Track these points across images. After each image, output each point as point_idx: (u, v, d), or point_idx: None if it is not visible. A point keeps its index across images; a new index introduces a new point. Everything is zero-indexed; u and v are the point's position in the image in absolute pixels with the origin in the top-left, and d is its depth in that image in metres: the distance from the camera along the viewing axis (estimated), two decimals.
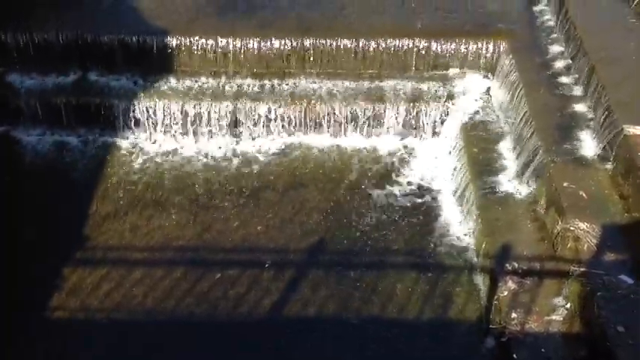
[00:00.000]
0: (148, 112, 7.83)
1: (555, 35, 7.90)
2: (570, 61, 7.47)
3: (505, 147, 7.34)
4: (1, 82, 7.90)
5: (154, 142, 7.97)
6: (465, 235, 6.91)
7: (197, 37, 7.88)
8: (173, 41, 7.86)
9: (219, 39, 7.89)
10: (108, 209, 7.19)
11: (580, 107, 7.01)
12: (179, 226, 7.05)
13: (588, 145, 6.65)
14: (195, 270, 6.58)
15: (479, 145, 7.41)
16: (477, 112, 7.77)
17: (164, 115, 7.85)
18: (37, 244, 6.78)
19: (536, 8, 8.36)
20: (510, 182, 6.93)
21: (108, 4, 8.28)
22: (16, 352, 5.93)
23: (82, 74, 7.99)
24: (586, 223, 5.88)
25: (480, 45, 7.94)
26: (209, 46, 7.92)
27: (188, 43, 7.89)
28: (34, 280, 6.43)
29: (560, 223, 6.00)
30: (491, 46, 7.93)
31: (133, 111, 7.83)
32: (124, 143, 7.94)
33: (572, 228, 5.87)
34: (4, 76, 7.95)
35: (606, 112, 6.51)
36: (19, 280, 6.45)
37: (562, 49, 7.69)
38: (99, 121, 7.89)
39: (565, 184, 6.23)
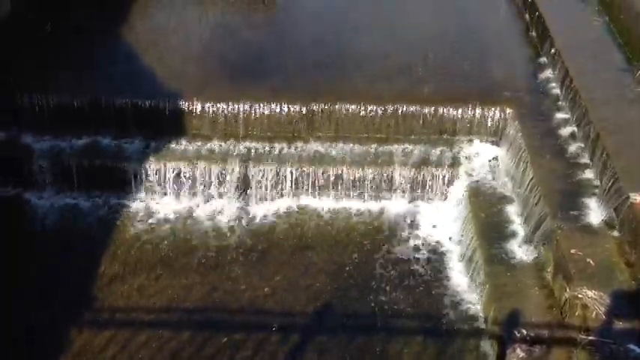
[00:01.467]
0: (158, 174, 7.94)
1: (560, 103, 8.03)
2: (575, 129, 7.58)
3: (512, 212, 7.39)
4: (15, 144, 8.04)
5: (164, 204, 8.04)
6: (473, 300, 6.89)
7: (208, 101, 8.05)
8: (185, 105, 8.03)
9: (230, 103, 8.05)
10: (116, 270, 7.22)
11: (586, 174, 7.08)
12: (186, 288, 7.06)
13: (595, 212, 6.68)
14: (202, 332, 6.56)
15: (486, 210, 7.45)
16: (484, 177, 7.85)
17: (174, 177, 7.95)
18: (45, 306, 6.79)
19: (541, 76, 8.51)
20: (518, 248, 6.95)
21: (122, 69, 8.47)
22: None
23: (94, 137, 8.13)
24: (594, 291, 5.87)
25: (486, 111, 8.08)
26: (220, 110, 8.07)
27: (200, 107, 8.05)
28: (41, 342, 6.42)
29: (568, 290, 5.99)
30: (497, 113, 8.06)
31: (144, 173, 7.94)
32: (134, 205, 8.02)
33: (580, 295, 5.86)
34: (19, 139, 8.09)
35: (612, 180, 6.57)
36: (27, 342, 6.44)
37: (567, 116, 7.81)
38: (110, 183, 8.00)
39: (572, 251, 6.25)
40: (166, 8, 9.81)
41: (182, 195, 8.06)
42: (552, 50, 8.50)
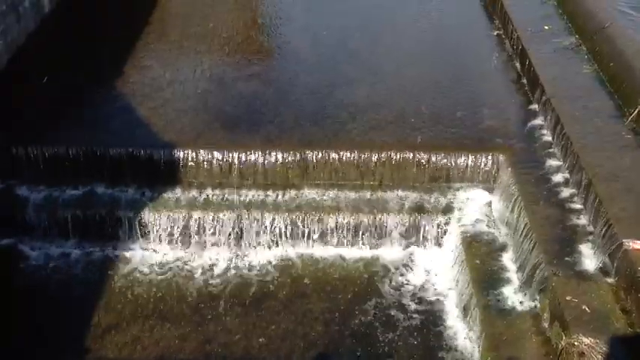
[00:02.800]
0: (153, 223, 7.94)
1: (552, 150, 8.10)
2: (568, 175, 7.64)
3: (507, 259, 7.39)
4: (9, 195, 8.04)
5: (159, 253, 8.03)
6: (470, 349, 6.84)
7: (204, 150, 8.10)
8: (180, 154, 8.07)
9: (225, 152, 8.10)
10: (110, 321, 7.17)
11: (579, 221, 7.11)
12: (181, 338, 7.01)
13: (589, 258, 6.69)
14: None
15: (481, 256, 7.46)
16: (478, 224, 7.86)
17: (169, 226, 7.95)
18: (38, 357, 6.71)
19: (533, 123, 8.59)
20: (514, 295, 6.93)
21: (117, 119, 8.52)
22: None
23: (90, 187, 8.13)
24: (590, 338, 5.84)
25: (478, 158, 8.13)
26: (215, 159, 8.11)
27: (195, 156, 8.09)
28: None
29: (564, 337, 5.96)
30: (490, 160, 8.12)
31: (139, 222, 7.94)
32: (128, 254, 7.99)
33: (576, 343, 5.84)
34: (13, 189, 8.09)
35: (605, 226, 6.60)
36: None
37: (559, 163, 7.87)
38: (104, 233, 7.98)
39: (568, 298, 6.24)
40: (162, 60, 9.92)
41: (176, 244, 8.04)
42: (543, 98, 8.61)
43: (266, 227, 8.01)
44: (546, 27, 10.11)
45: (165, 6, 11.65)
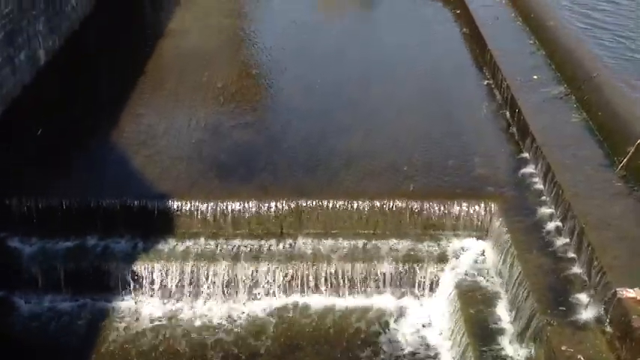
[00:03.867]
0: (145, 274, 7.90)
1: (544, 198, 8.15)
2: (560, 224, 7.67)
3: (502, 308, 7.37)
4: (2, 247, 8.00)
5: (151, 305, 7.96)
6: None
7: (197, 200, 8.11)
8: (174, 204, 8.08)
9: (219, 202, 8.12)
10: None
11: (573, 269, 7.11)
12: None
13: (584, 307, 6.67)
14: None
15: (475, 305, 7.43)
16: (471, 273, 7.86)
17: (162, 277, 7.91)
18: None
19: (524, 172, 8.65)
20: (509, 345, 6.89)
21: (111, 170, 8.58)
22: None
23: (83, 238, 8.11)
24: None
25: (471, 207, 8.17)
26: (209, 209, 8.13)
27: (188, 206, 8.10)
28: None
29: None
30: (482, 208, 8.16)
31: (131, 274, 7.90)
32: (120, 306, 7.93)
33: None
34: (6, 242, 8.05)
35: (599, 275, 6.60)
36: None
37: (551, 211, 7.91)
38: (97, 284, 7.93)
39: (563, 348, 6.20)
40: (157, 109, 10.03)
41: (170, 296, 7.99)
42: (533, 146, 8.70)
43: (260, 277, 7.98)
44: (535, 76, 10.28)
45: (160, 57, 11.82)
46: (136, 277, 7.91)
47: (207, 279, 7.93)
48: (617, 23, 11.43)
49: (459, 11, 14.04)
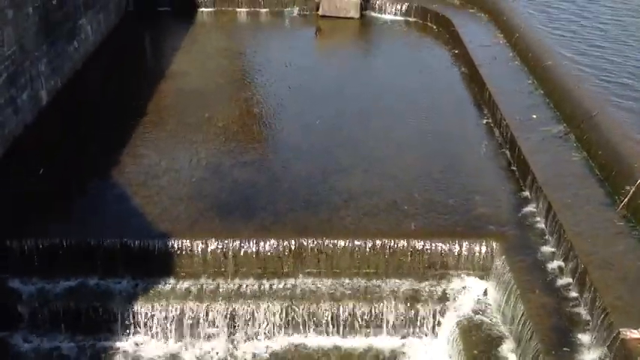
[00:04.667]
0: (146, 314, 7.84)
1: (546, 237, 8.13)
2: (562, 263, 7.63)
3: (505, 349, 7.29)
4: (2, 288, 7.95)
5: (151, 346, 7.88)
6: None
7: (197, 240, 8.09)
8: (174, 243, 8.06)
9: (219, 241, 8.10)
10: None
11: (576, 309, 7.06)
12: None
13: (587, 347, 6.62)
14: None
15: (478, 346, 7.37)
16: (474, 313, 7.81)
17: (162, 318, 7.84)
18: None
19: (525, 210, 8.65)
20: None
21: (112, 209, 8.57)
22: None
23: (83, 278, 8.07)
24: None
25: (472, 246, 8.14)
26: (209, 248, 8.10)
27: (189, 245, 8.08)
28: None
29: None
30: (484, 247, 8.13)
31: (132, 314, 7.84)
32: (121, 347, 7.85)
33: None
34: (6, 282, 8.01)
35: (602, 315, 6.56)
36: None
37: (553, 250, 7.88)
38: (97, 325, 7.87)
39: None
40: (158, 149, 10.07)
41: (170, 336, 7.91)
42: (534, 185, 8.71)
43: (260, 317, 7.91)
44: (534, 115, 10.34)
45: (161, 97, 11.90)
46: (136, 318, 7.85)
47: (207, 319, 7.87)
48: (616, 62, 11.55)
49: (457, 51, 14.19)
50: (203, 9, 17.21)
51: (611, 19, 14.05)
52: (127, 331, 7.90)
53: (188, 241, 8.08)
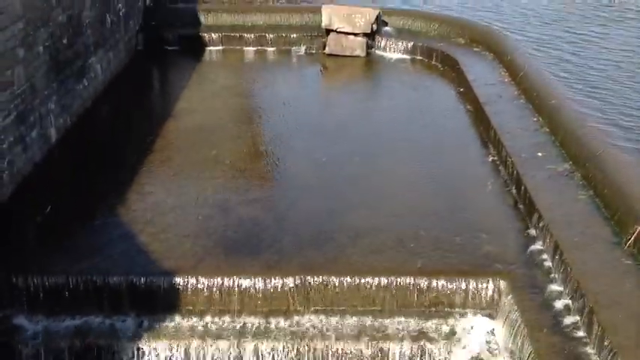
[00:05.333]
0: (151, 353, 7.80)
1: (553, 275, 8.09)
2: (569, 302, 7.59)
3: None
4: (6, 326, 7.93)
5: None
6: None
7: (203, 277, 8.09)
8: (180, 281, 8.06)
9: (225, 278, 8.09)
10: None
11: (584, 349, 6.98)
12: None
13: None
14: None
15: None
16: (481, 352, 7.75)
17: (167, 356, 7.81)
18: None
19: (532, 249, 8.61)
20: None
21: (118, 247, 8.56)
22: None
23: (88, 316, 8.05)
24: None
25: (479, 284, 8.10)
26: (215, 286, 8.09)
27: (195, 283, 8.07)
28: None
29: None
30: (490, 286, 8.09)
31: (136, 353, 7.80)
32: None
33: None
34: (10, 320, 7.99)
35: (610, 355, 6.50)
36: None
37: (560, 288, 7.84)
38: None
39: None
40: (164, 186, 10.12)
41: None
42: (541, 224, 8.69)
43: (266, 355, 7.87)
44: (540, 154, 10.37)
45: (169, 135, 12.00)
46: (141, 356, 7.81)
47: (212, 358, 7.82)
48: (622, 99, 11.63)
49: (462, 89, 14.29)
50: (211, 47, 17.42)
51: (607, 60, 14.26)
52: None
53: (194, 278, 8.08)
